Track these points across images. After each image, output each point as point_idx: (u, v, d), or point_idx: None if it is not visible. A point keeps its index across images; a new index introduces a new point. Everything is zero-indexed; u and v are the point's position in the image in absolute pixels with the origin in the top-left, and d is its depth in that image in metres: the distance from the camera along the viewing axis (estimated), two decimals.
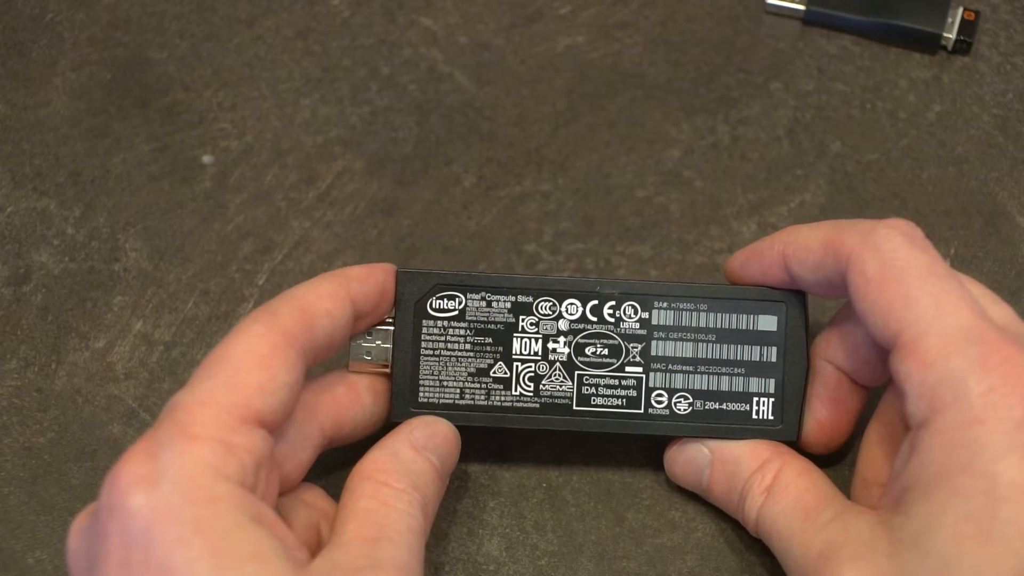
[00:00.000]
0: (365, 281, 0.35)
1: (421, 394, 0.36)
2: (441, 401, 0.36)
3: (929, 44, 0.46)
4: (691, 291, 0.37)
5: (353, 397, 0.36)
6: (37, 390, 0.40)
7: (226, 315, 0.41)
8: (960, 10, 0.46)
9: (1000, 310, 0.33)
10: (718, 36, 0.46)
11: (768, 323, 0.36)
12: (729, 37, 0.46)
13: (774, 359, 0.36)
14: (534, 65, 0.46)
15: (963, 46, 0.45)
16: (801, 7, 0.46)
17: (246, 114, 0.45)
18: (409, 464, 0.34)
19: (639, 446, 0.39)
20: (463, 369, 0.36)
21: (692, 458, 0.37)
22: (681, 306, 0.36)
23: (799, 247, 0.35)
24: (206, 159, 0.44)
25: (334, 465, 0.38)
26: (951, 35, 0.45)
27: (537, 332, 0.36)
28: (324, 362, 0.39)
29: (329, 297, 0.34)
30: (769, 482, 0.35)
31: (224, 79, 0.45)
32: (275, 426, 0.32)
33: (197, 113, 0.45)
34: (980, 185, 0.43)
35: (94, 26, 0.46)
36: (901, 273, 0.32)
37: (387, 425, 0.37)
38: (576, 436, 0.39)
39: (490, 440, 0.39)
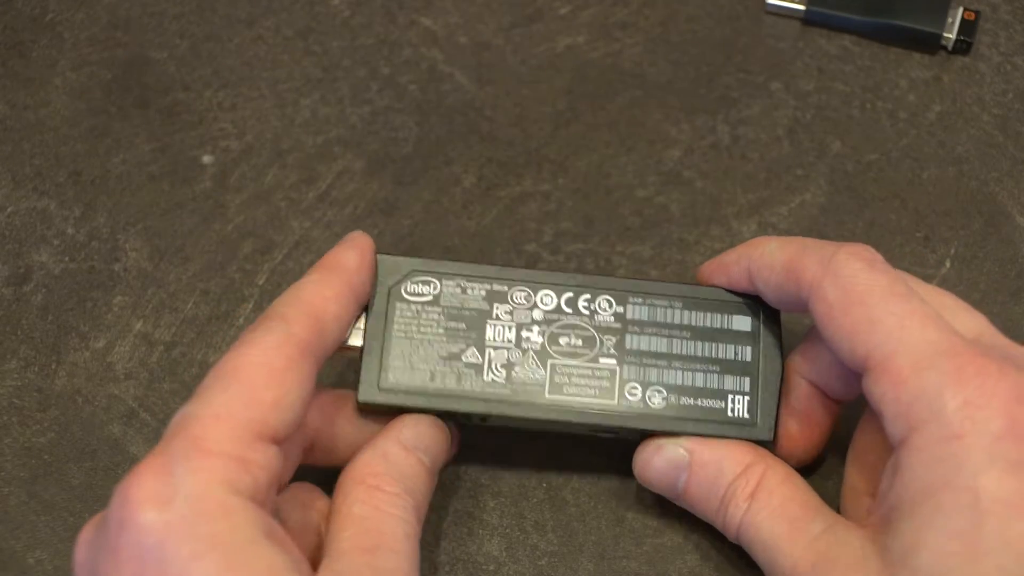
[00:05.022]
0: (362, 270, 0.35)
1: (391, 375, 0.35)
2: (412, 384, 0.35)
3: (929, 44, 0.46)
4: (666, 290, 0.37)
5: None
6: (37, 390, 0.40)
7: (226, 315, 0.41)
8: (960, 10, 0.46)
9: (972, 320, 0.33)
10: (718, 36, 0.46)
11: (742, 323, 0.36)
12: (729, 37, 0.46)
13: (748, 358, 0.36)
14: (534, 65, 0.46)
15: (963, 46, 0.45)
16: (801, 7, 0.46)
17: (246, 114, 0.45)
18: (401, 466, 0.34)
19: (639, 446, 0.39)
20: (434, 352, 0.36)
21: (669, 460, 0.36)
22: (656, 302, 0.36)
23: (763, 266, 0.35)
24: (206, 159, 0.44)
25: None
26: (951, 35, 0.45)
27: (511, 320, 0.36)
28: None
29: (336, 299, 0.34)
30: (753, 488, 0.34)
31: (224, 79, 0.45)
32: (286, 440, 0.31)
33: (197, 113, 0.45)
34: (980, 185, 0.43)
35: (94, 26, 0.46)
36: (862, 297, 0.32)
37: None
38: (576, 436, 0.39)
39: (490, 440, 0.39)
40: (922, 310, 0.31)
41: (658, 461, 0.36)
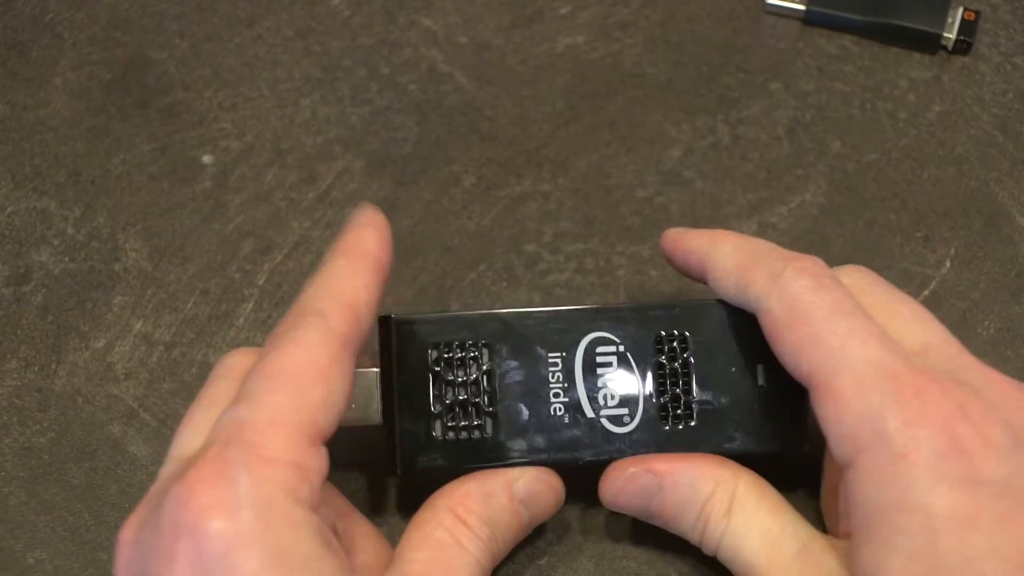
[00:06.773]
0: (384, 251, 0.34)
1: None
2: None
3: (929, 44, 0.46)
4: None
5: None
6: (37, 390, 0.40)
7: (226, 315, 0.41)
8: (960, 10, 0.46)
9: (923, 331, 0.33)
10: (718, 36, 0.46)
11: None
12: (729, 37, 0.46)
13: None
14: (534, 65, 0.46)
15: (963, 46, 0.45)
16: (801, 7, 0.46)
17: (246, 114, 0.45)
18: (498, 513, 0.34)
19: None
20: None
21: (641, 487, 0.35)
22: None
23: (716, 266, 0.35)
24: (206, 159, 0.44)
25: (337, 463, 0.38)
26: (951, 35, 0.45)
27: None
28: None
29: (366, 288, 0.32)
30: (727, 505, 0.34)
31: (224, 79, 0.45)
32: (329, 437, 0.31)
33: (197, 113, 0.45)
34: (980, 185, 0.43)
35: (94, 26, 0.46)
36: (806, 315, 0.32)
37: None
38: None
39: None
40: (865, 328, 0.31)
41: (630, 488, 0.35)
